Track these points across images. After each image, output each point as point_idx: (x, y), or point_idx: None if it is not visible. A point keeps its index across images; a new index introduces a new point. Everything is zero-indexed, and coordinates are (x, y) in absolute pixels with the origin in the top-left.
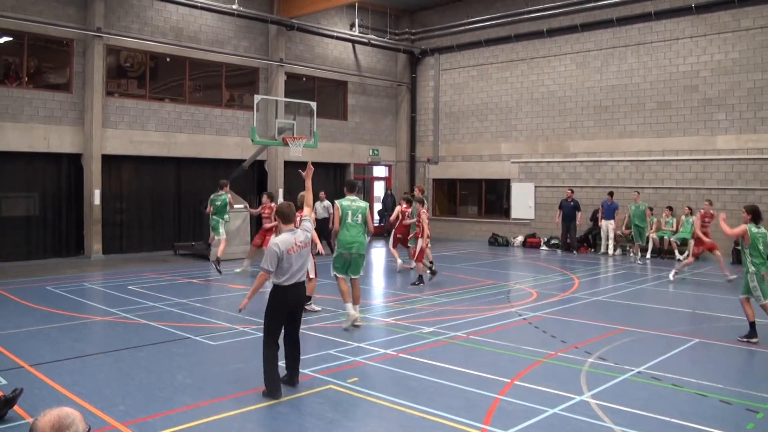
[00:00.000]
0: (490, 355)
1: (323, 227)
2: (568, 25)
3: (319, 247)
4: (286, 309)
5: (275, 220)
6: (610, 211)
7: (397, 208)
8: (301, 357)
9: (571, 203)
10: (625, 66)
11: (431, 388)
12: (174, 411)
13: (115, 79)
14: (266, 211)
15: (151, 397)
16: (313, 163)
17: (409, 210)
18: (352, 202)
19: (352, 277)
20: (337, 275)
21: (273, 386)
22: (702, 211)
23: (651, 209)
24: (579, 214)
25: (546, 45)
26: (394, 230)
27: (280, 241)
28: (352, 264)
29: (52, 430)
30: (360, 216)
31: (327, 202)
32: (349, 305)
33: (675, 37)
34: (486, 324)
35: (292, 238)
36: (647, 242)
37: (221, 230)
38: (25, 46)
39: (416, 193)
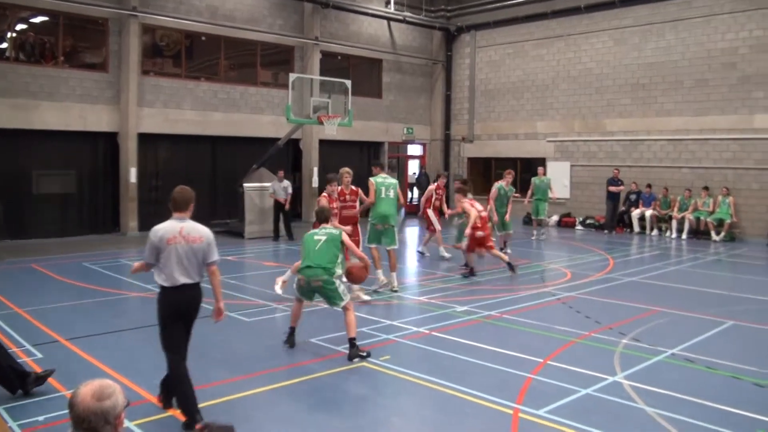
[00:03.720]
0: (523, 334)
1: (281, 208)
2: (606, 0)
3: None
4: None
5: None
6: (648, 201)
7: (431, 187)
8: (335, 334)
9: (619, 182)
10: (663, 43)
11: (463, 366)
12: (208, 385)
13: (150, 58)
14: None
15: None
16: (347, 142)
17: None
18: (384, 179)
19: (388, 248)
20: (370, 246)
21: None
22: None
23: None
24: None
25: (583, 21)
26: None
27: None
28: (385, 234)
29: (92, 399)
30: (392, 191)
31: (286, 182)
32: (380, 272)
33: (713, 12)
34: (519, 303)
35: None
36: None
37: None
38: (60, 26)
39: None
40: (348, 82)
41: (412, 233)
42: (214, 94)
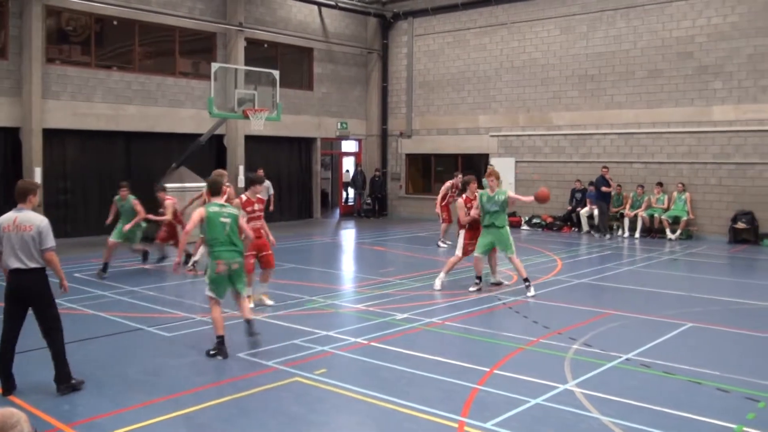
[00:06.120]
0: (468, 342)
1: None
2: None
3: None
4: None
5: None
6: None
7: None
8: (265, 348)
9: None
10: (613, 31)
11: (405, 378)
12: (126, 409)
13: (56, 45)
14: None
15: (100, 395)
16: (276, 137)
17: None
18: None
19: None
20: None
21: None
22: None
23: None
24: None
25: (528, 8)
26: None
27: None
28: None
29: None
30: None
31: (267, 183)
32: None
33: None
34: (463, 309)
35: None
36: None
37: None
38: None
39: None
40: (276, 73)
41: (348, 235)
42: (127, 85)
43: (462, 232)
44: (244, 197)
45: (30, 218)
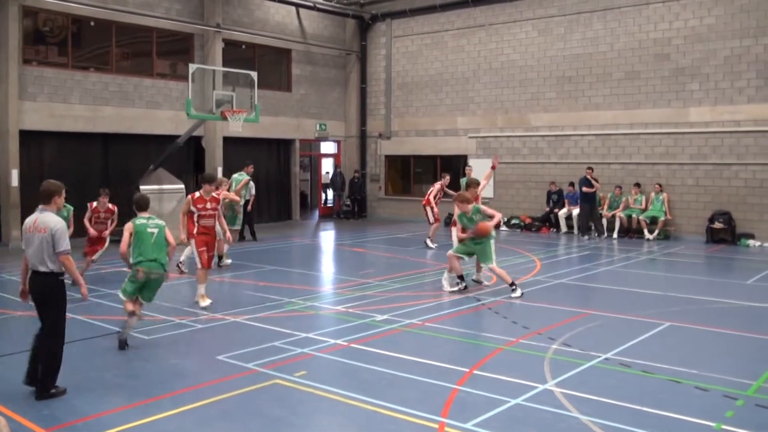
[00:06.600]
0: (448, 343)
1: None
2: None
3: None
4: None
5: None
6: (574, 200)
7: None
8: (244, 350)
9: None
10: (590, 33)
11: (385, 380)
12: (105, 413)
13: (33, 46)
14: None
15: (79, 399)
16: (255, 139)
17: None
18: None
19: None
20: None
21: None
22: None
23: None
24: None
25: (506, 10)
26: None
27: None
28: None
29: None
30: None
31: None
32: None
33: (645, 1)
34: (443, 310)
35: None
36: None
37: None
38: None
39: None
40: (254, 74)
41: (327, 237)
42: (104, 86)
43: (455, 230)
44: (196, 194)
45: (47, 220)
